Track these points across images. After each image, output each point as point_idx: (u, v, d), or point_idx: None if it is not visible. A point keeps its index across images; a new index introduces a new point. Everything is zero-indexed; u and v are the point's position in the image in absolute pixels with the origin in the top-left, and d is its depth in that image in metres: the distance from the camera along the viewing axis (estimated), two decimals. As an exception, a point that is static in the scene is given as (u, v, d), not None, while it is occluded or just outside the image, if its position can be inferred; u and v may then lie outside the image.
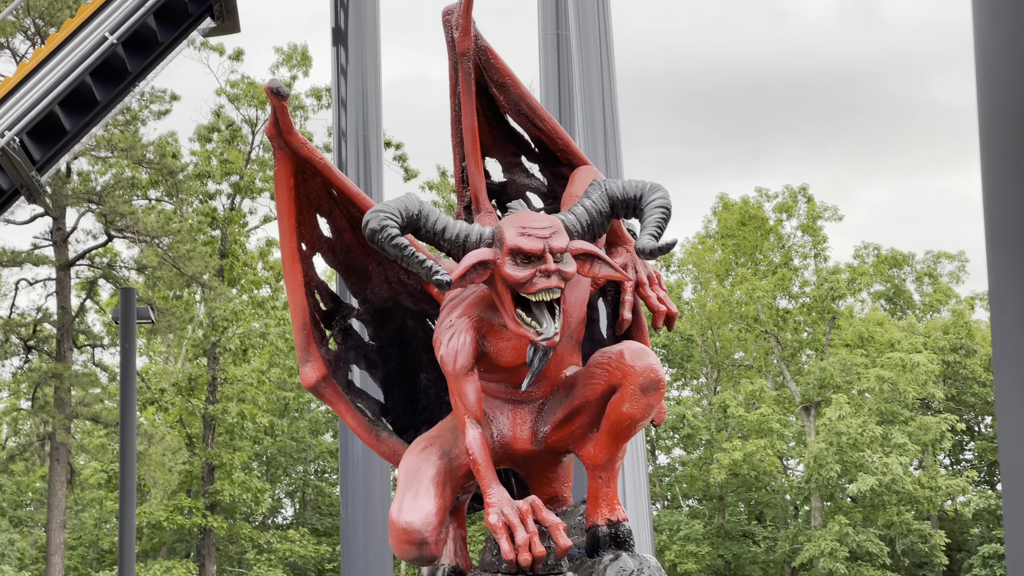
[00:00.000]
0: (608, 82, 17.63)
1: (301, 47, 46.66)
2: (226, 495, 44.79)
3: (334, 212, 6.79)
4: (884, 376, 48.57)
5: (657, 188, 6.24)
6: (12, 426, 51.70)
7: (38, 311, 41.95)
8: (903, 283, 61.21)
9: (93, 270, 42.43)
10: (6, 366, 49.07)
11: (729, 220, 56.46)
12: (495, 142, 7.07)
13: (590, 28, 17.73)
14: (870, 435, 46.89)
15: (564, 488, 6.73)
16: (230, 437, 47.06)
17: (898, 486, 46.30)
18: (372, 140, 18.92)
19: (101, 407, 40.09)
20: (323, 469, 57.01)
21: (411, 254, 5.88)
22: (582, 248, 6.04)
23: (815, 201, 55.09)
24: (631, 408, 6.05)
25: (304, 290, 6.79)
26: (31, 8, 36.82)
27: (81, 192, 39.53)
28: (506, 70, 6.82)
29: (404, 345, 7.09)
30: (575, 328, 6.38)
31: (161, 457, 40.95)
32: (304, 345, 6.82)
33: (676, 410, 53.88)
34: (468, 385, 6.15)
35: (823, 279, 53.64)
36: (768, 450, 49.97)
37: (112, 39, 15.92)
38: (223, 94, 46.42)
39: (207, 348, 46.30)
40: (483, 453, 6.12)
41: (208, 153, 46.49)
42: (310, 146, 6.55)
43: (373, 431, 6.96)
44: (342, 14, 19.14)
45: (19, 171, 15.76)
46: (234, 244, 46.68)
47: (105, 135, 37.46)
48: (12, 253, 39.60)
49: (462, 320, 6.22)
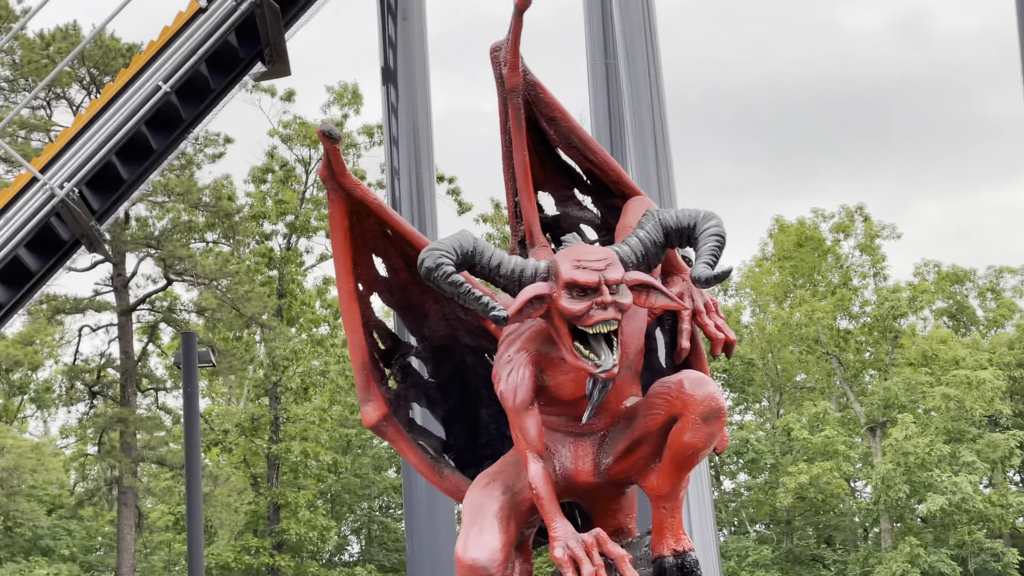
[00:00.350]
0: (658, 108, 17.62)
1: (352, 85, 47.00)
2: (292, 534, 44.91)
3: (389, 251, 6.81)
4: (950, 394, 48.14)
5: (711, 216, 6.22)
6: (80, 471, 52.11)
7: (101, 357, 42.38)
8: (966, 299, 60.69)
9: (154, 314, 42.82)
10: (72, 412, 49.61)
11: (786, 242, 56.19)
12: (547, 176, 7.08)
13: (638, 56, 17.73)
14: (938, 454, 46.44)
15: (628, 519, 6.70)
16: (294, 476, 47.21)
17: (968, 505, 45.82)
18: (425, 177, 18.97)
19: (166, 450, 40.41)
20: (387, 505, 57.07)
21: (467, 291, 5.89)
22: (638, 279, 6.02)
23: (872, 220, 54.77)
24: (693, 437, 6.02)
25: (362, 330, 6.80)
26: (86, 58, 37.28)
27: (140, 237, 39.94)
28: (555, 104, 6.84)
29: (464, 381, 7.09)
30: (633, 359, 6.37)
31: (227, 498, 41.21)
32: (364, 385, 6.83)
33: (739, 435, 53.58)
34: (529, 420, 6.14)
35: (883, 298, 53.25)
36: (834, 472, 49.55)
37: (166, 88, 16.06)
38: (276, 135, 46.77)
39: (268, 388, 46.54)
40: (546, 487, 6.11)
41: (263, 194, 46.83)
42: (363, 187, 6.58)
43: (435, 468, 6.96)
44: (391, 53, 19.24)
45: (79, 221, 15.93)
46: (291, 283, 46.94)
47: (161, 180, 37.86)
48: (74, 300, 40.05)
49: (520, 355, 6.22)
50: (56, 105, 39.93)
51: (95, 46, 36.90)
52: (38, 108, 39.57)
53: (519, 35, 6.39)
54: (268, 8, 16.57)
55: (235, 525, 43.08)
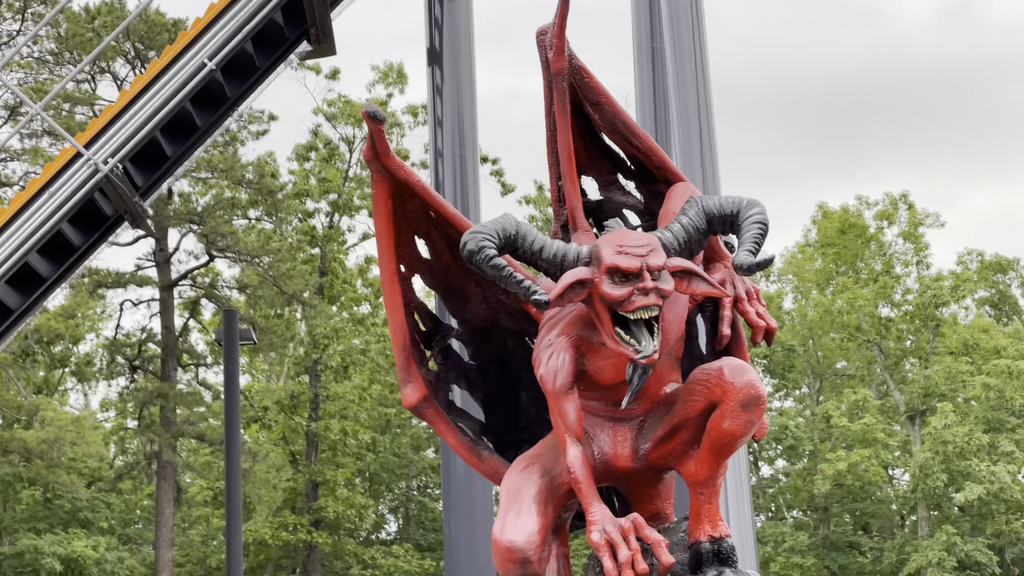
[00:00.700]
0: (704, 93, 17.56)
1: (397, 65, 47.01)
2: (330, 511, 45.11)
3: (432, 233, 6.83)
4: (990, 383, 47.88)
5: (754, 204, 6.21)
6: (119, 445, 52.46)
7: (143, 331, 42.62)
8: (1008, 289, 60.30)
9: (195, 290, 43.03)
10: (113, 386, 49.98)
11: (829, 229, 55.96)
12: (591, 160, 7.08)
13: (685, 40, 17.68)
14: (977, 443, 46.22)
15: (666, 505, 6.72)
16: (333, 454, 47.43)
17: (1006, 494, 45.58)
18: (469, 159, 18.99)
19: (206, 425, 40.66)
20: (426, 484, 57.23)
21: (509, 274, 5.90)
22: (680, 265, 6.02)
23: (916, 208, 54.47)
24: (732, 425, 6.02)
25: (404, 311, 6.82)
26: (131, 33, 37.44)
27: (183, 213, 40.12)
28: (600, 88, 6.83)
29: (504, 364, 7.10)
30: (674, 345, 6.37)
31: (265, 475, 41.41)
32: (404, 366, 6.86)
33: (779, 421, 53.47)
34: (568, 404, 6.16)
35: (926, 286, 52.96)
36: (873, 460, 49.38)
37: (211, 65, 16.11)
38: (320, 113, 46.88)
39: (309, 366, 46.73)
40: (584, 471, 6.12)
41: (306, 172, 46.95)
42: (407, 168, 6.59)
43: (474, 450, 6.98)
44: (436, 34, 19.25)
45: (123, 197, 16.01)
46: (333, 262, 47.09)
47: (205, 156, 37.98)
48: (116, 275, 40.29)
49: (561, 339, 6.23)
50: (100, 79, 40.12)
51: (140, 21, 37.04)
52: (82, 82, 39.77)
53: (565, 19, 6.40)
54: (314, -13, 16.60)
55: (273, 502, 43.30)
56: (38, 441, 39.23)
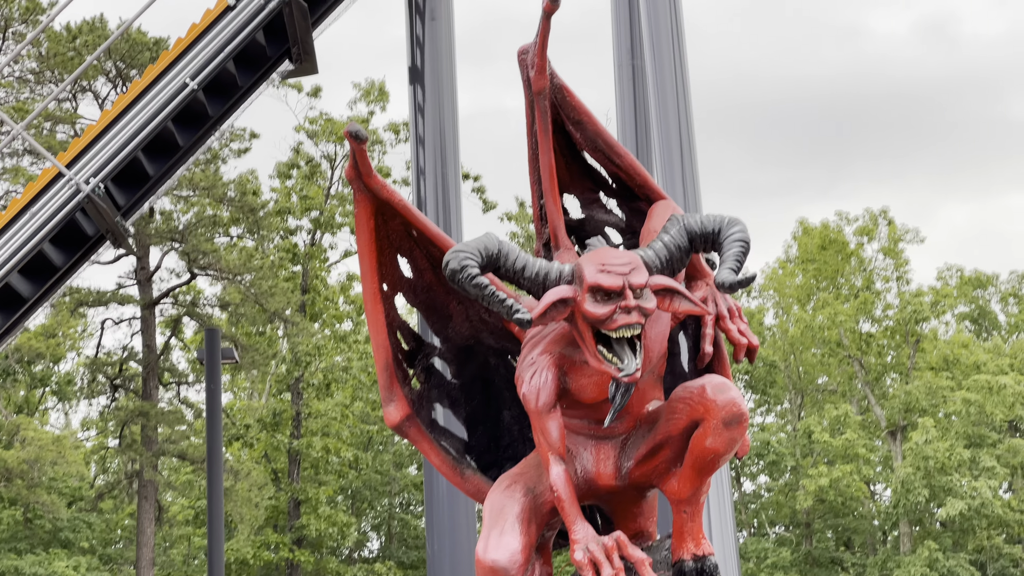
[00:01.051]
0: (684, 110, 17.59)
1: (379, 82, 47.00)
2: (312, 529, 44.98)
3: (414, 252, 6.84)
4: (971, 399, 47.99)
5: (736, 222, 6.23)
6: (100, 464, 52.26)
7: (124, 350, 42.50)
8: (988, 304, 60.48)
9: (177, 308, 42.93)
10: (93, 405, 49.84)
11: (809, 244, 56.07)
12: (572, 179, 7.11)
13: (665, 58, 17.71)
14: (958, 459, 46.31)
15: (649, 523, 6.73)
16: (315, 471, 47.29)
17: (988, 510, 45.67)
18: (451, 177, 18.99)
19: (187, 444, 40.52)
20: (408, 502, 57.09)
21: (491, 293, 5.91)
22: (662, 283, 6.04)
23: (896, 224, 54.63)
24: (714, 442, 6.04)
25: (386, 330, 6.83)
26: (112, 52, 37.40)
27: (164, 231, 40.03)
28: (582, 107, 6.86)
29: (487, 383, 7.11)
30: (656, 363, 6.39)
31: (247, 493, 41.28)
32: (387, 384, 6.87)
33: (760, 436, 53.52)
34: (551, 422, 6.16)
35: (906, 302, 53.10)
36: (854, 475, 49.43)
37: (193, 85, 16.11)
38: (302, 131, 46.85)
39: (290, 383, 46.63)
40: (567, 489, 6.13)
41: (288, 189, 46.89)
42: (389, 188, 6.61)
43: (457, 469, 6.99)
44: (418, 53, 19.25)
45: (104, 217, 15.99)
46: (315, 279, 47.01)
47: (187, 174, 37.93)
48: (97, 293, 40.17)
49: (543, 357, 6.24)
50: (82, 98, 40.06)
51: (122, 40, 37.00)
52: (64, 101, 39.70)
53: (547, 38, 6.42)
54: (296, 6, 16.60)
55: (255, 520, 43.14)
56: (18, 461, 39.06)
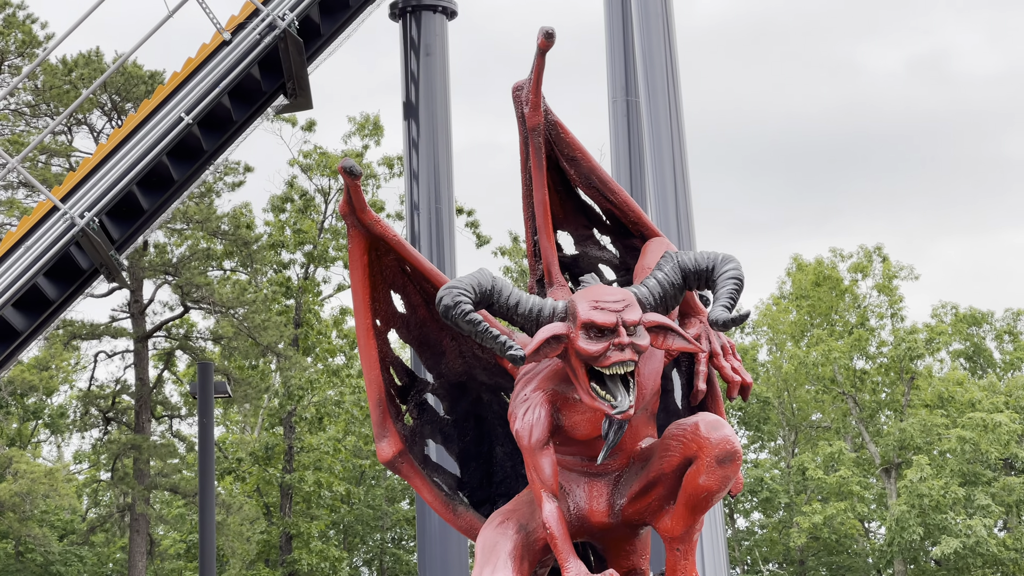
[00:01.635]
0: (678, 146, 17.63)
1: (373, 116, 47.06)
2: (304, 564, 44.79)
3: (408, 288, 6.84)
4: (965, 436, 47.91)
5: (729, 260, 6.23)
6: (92, 497, 52.09)
7: (117, 383, 42.37)
8: (983, 341, 60.49)
9: (170, 341, 42.84)
10: (86, 438, 49.67)
11: (803, 281, 56.09)
12: (566, 215, 7.10)
13: (659, 93, 17.75)
14: (953, 497, 46.21)
15: (642, 560, 6.70)
16: (307, 506, 47.14)
17: (983, 548, 45.54)
18: (444, 212, 19.02)
19: (179, 477, 40.39)
20: (400, 537, 56.91)
21: (485, 329, 5.91)
22: (655, 321, 6.04)
23: (890, 260, 54.67)
24: (707, 480, 6.03)
25: (379, 366, 6.82)
26: (108, 85, 37.46)
27: (157, 264, 40.00)
28: (576, 143, 6.86)
29: (479, 419, 7.10)
30: (650, 400, 6.38)
31: (239, 527, 41.13)
32: (380, 421, 6.85)
33: (754, 473, 53.40)
34: (544, 459, 6.15)
35: (900, 339, 53.07)
36: (849, 513, 49.34)
37: (188, 119, 16.13)
38: (296, 164, 46.86)
39: (283, 417, 46.52)
40: (560, 527, 6.11)
41: (282, 223, 46.88)
42: (383, 223, 6.60)
43: (450, 505, 6.97)
44: (412, 88, 19.31)
45: (98, 251, 15.98)
46: (308, 313, 46.95)
47: (181, 208, 37.92)
48: (91, 326, 40.11)
49: (537, 394, 6.23)
50: (77, 131, 40.07)
51: (117, 73, 37.06)
52: (59, 134, 39.71)
53: (541, 75, 6.43)
54: (291, 42, 16.64)
55: (247, 554, 42.99)
56: (10, 494, 38.89)
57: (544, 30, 6.16)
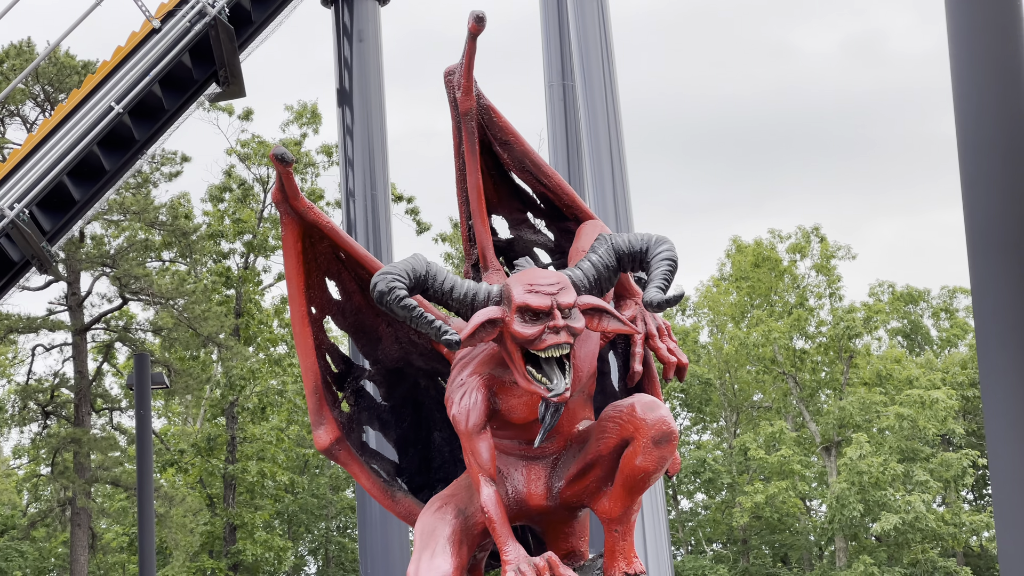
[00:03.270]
0: (615, 130, 17.67)
1: (311, 104, 46.87)
2: (248, 554, 44.65)
3: (342, 275, 6.81)
4: (903, 413, 48.36)
5: (663, 241, 6.24)
6: (32, 492, 51.65)
7: (55, 376, 42.03)
8: (920, 319, 61.06)
9: (109, 333, 42.53)
10: (25, 432, 49.26)
11: (743, 262, 56.40)
12: (500, 199, 7.09)
13: (595, 77, 17.79)
14: (892, 473, 46.65)
15: (581, 543, 6.72)
16: (251, 496, 46.98)
17: (922, 524, 46.01)
18: (380, 199, 18.98)
19: (121, 470, 40.12)
20: (345, 525, 56.83)
21: (420, 315, 5.89)
22: (590, 303, 6.04)
23: (828, 241, 55.07)
24: (644, 461, 6.03)
25: (315, 353, 6.80)
26: (40, 75, 37.08)
27: (95, 256, 39.67)
28: (509, 127, 6.85)
29: (417, 405, 7.09)
30: (586, 383, 6.38)
31: (182, 519, 40.92)
32: (317, 408, 6.83)
33: (696, 454, 53.68)
34: (481, 443, 6.14)
35: (839, 318, 53.49)
36: (790, 492, 49.71)
37: (118, 108, 15.99)
38: (234, 153, 46.61)
39: (225, 408, 46.32)
40: (498, 511, 6.11)
41: (220, 213, 46.64)
42: (316, 210, 6.57)
43: (388, 492, 6.95)
44: (346, 75, 19.23)
45: (29, 242, 15.83)
46: (249, 303, 46.75)
47: (117, 198, 37.64)
48: (28, 319, 39.73)
49: (473, 378, 6.22)
50: (9, 122, 39.65)
51: (49, 63, 36.70)
52: (-9, 126, 39.30)
53: (472, 59, 6.41)
54: (222, 29, 16.54)
55: (190, 546, 42.77)
56: (-52, 490, 38.55)
57: (475, 14, 6.15)
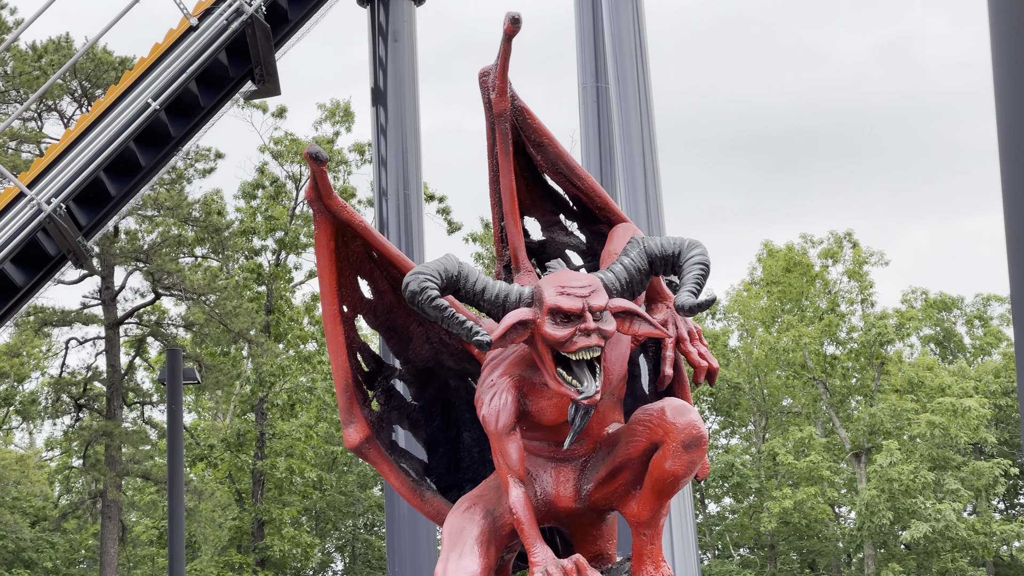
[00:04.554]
0: (648, 133, 17.65)
1: (344, 103, 46.95)
2: (276, 550, 44.77)
3: (375, 274, 6.82)
4: (935, 421, 48.13)
5: (696, 245, 6.24)
6: (64, 484, 51.93)
7: (88, 370, 42.24)
8: (953, 327, 60.75)
9: (141, 328, 42.71)
10: (58, 424, 49.47)
11: (774, 267, 56.23)
12: (533, 201, 7.10)
13: (629, 80, 17.78)
14: (922, 481, 46.44)
15: (608, 545, 6.71)
16: (279, 492, 47.10)
17: (952, 532, 45.80)
18: (413, 198, 19.01)
19: (151, 464, 40.28)
20: (372, 522, 56.93)
21: (451, 315, 5.90)
22: (622, 306, 6.03)
23: (860, 246, 54.85)
24: (674, 465, 6.03)
25: (346, 352, 6.81)
26: (78, 71, 37.28)
27: (128, 251, 39.86)
28: (543, 129, 6.85)
29: (447, 405, 7.10)
30: (616, 385, 6.38)
31: (211, 513, 41.07)
32: (347, 407, 6.84)
33: (725, 458, 53.56)
34: (511, 444, 6.15)
35: (871, 324, 53.25)
36: (819, 498, 49.54)
37: (155, 105, 16.07)
38: (267, 151, 46.74)
39: (255, 404, 46.44)
40: (527, 512, 6.11)
41: (253, 210, 46.76)
42: (350, 209, 6.59)
43: (417, 491, 6.97)
44: (380, 74, 19.28)
45: (66, 237, 15.92)
46: (280, 300, 46.87)
47: (151, 194, 37.77)
48: (62, 313, 39.96)
49: (503, 380, 6.22)
50: (47, 117, 39.88)
51: (87, 59, 36.88)
52: (28, 120, 39.51)
53: (507, 60, 6.41)
54: (259, 27, 16.60)
55: (219, 541, 42.91)
56: (-19, 481, 38.78)
57: (510, 15, 6.15)
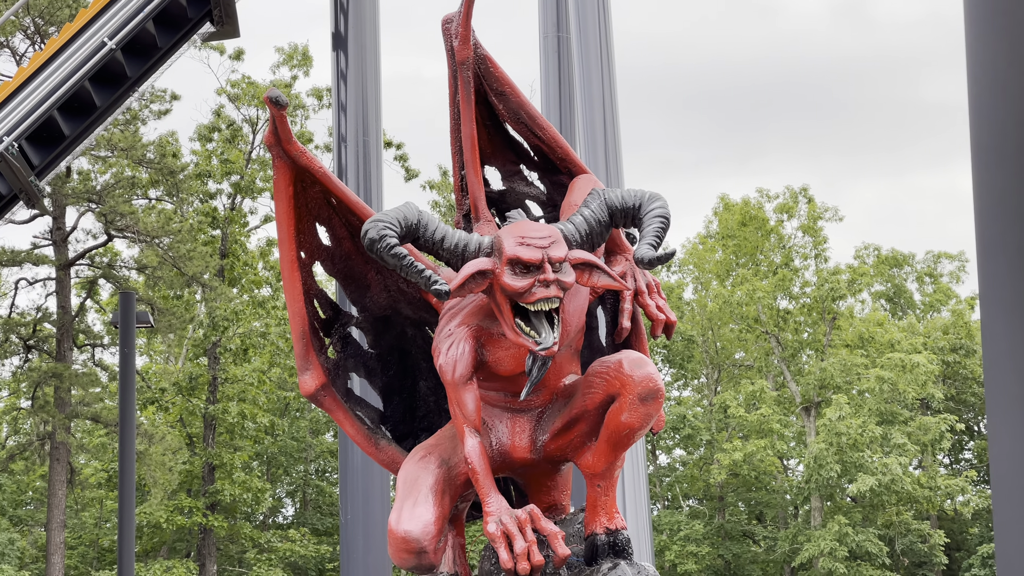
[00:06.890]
0: (608, 83, 17.63)
1: (302, 47, 46.61)
2: (226, 495, 44.75)
3: (333, 220, 6.78)
4: (884, 376, 48.54)
5: (656, 198, 6.23)
6: (12, 425, 51.65)
7: (38, 311, 41.92)
8: (904, 283, 61.18)
9: (93, 270, 42.40)
10: (6, 365, 49.05)
11: (730, 221, 56.40)
12: (494, 150, 7.07)
13: (590, 30, 17.74)
14: (870, 435, 46.87)
15: (563, 496, 6.73)
16: (230, 437, 47.03)
17: (897, 486, 46.27)
18: (372, 145, 18.91)
19: (101, 406, 40.07)
20: (323, 469, 56.99)
21: (410, 264, 5.87)
22: (581, 258, 6.03)
23: (816, 202, 55.09)
24: (630, 417, 6.04)
25: (303, 298, 6.78)
26: (31, 7, 36.81)
27: (81, 191, 39.48)
28: (505, 78, 6.81)
29: (403, 353, 7.08)
30: (574, 337, 6.38)
31: (161, 457, 40.92)
32: (303, 353, 6.82)
33: (677, 410, 53.85)
34: (467, 394, 6.14)
35: (823, 280, 53.58)
36: (768, 450, 49.93)
37: (111, 44, 15.90)
38: (224, 94, 46.36)
39: (208, 348, 46.28)
40: (482, 462, 6.11)
41: (209, 153, 46.42)
42: (309, 155, 6.54)
43: (372, 439, 6.95)
44: (342, 19, 19.12)
45: (18, 176, 15.76)
46: (234, 244, 46.62)
47: (105, 135, 37.39)
48: (12, 252, 39.57)
49: (461, 329, 6.21)
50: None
51: (41, -4, 36.41)
52: (-20, 57, 39.03)
53: (471, 8, 6.37)
54: (219, -33, 16.44)
55: (169, 484, 42.78)
56: (-73, 421, 38.53)
57: None
